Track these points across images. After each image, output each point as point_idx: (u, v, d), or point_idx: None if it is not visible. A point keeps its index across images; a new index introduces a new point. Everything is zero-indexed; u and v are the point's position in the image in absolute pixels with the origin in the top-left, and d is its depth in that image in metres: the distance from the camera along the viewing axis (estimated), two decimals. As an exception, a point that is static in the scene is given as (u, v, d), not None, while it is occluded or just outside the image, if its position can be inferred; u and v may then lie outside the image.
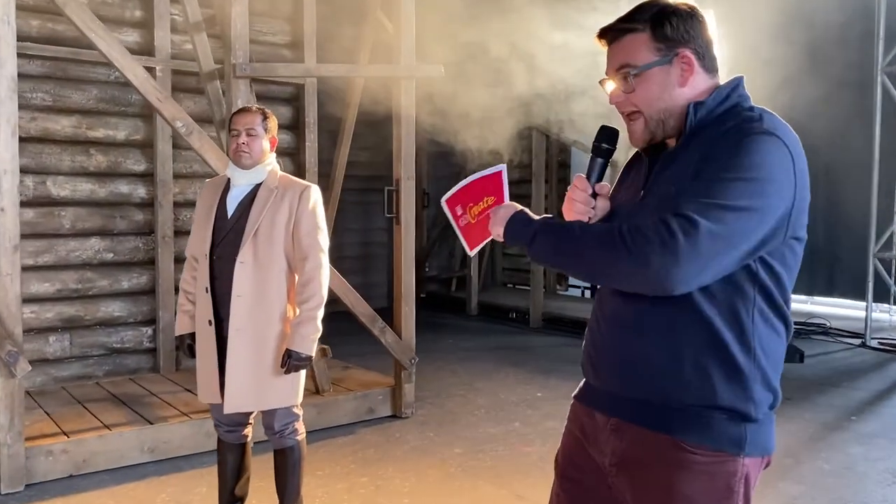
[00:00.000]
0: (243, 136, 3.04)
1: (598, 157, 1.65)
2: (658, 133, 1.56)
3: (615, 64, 1.55)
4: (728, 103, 1.53)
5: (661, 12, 1.53)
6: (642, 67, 1.51)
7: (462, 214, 1.80)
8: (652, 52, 1.51)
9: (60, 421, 4.40)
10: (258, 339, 3.03)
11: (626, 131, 1.64)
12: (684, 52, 1.52)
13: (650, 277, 1.36)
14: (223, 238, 3.04)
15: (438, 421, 5.12)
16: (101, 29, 3.88)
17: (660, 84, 1.52)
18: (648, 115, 1.54)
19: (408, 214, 5.07)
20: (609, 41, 1.58)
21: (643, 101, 1.53)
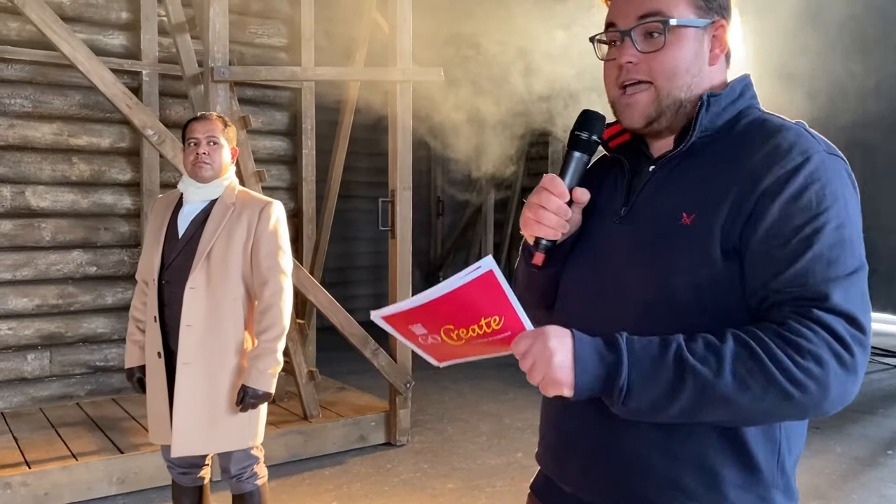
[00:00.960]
0: (203, 146, 2.72)
1: (577, 152, 1.23)
2: (665, 117, 1.18)
3: (640, 9, 1.15)
4: (740, 104, 1.19)
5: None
6: (681, 21, 1.14)
7: (428, 335, 1.13)
8: (691, 8, 1.16)
9: (27, 448, 4.13)
10: (210, 374, 2.70)
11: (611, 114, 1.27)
12: (721, 21, 1.17)
13: (824, 407, 1.03)
14: (173, 261, 2.72)
15: (435, 450, 4.76)
16: (64, 30, 3.60)
17: (693, 52, 1.16)
18: (666, 89, 1.16)
19: (404, 227, 4.73)
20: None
21: (667, 68, 1.15)
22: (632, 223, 1.20)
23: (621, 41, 1.18)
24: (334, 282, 9.31)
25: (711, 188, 1.11)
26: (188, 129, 2.75)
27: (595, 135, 1.22)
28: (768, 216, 1.05)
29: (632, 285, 1.17)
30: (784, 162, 1.07)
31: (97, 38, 5.22)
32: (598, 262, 1.24)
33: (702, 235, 1.09)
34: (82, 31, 5.16)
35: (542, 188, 1.21)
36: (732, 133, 1.16)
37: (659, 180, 1.19)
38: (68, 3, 5.11)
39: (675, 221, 1.13)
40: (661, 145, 1.24)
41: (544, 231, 1.21)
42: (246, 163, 4.46)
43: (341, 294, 9.45)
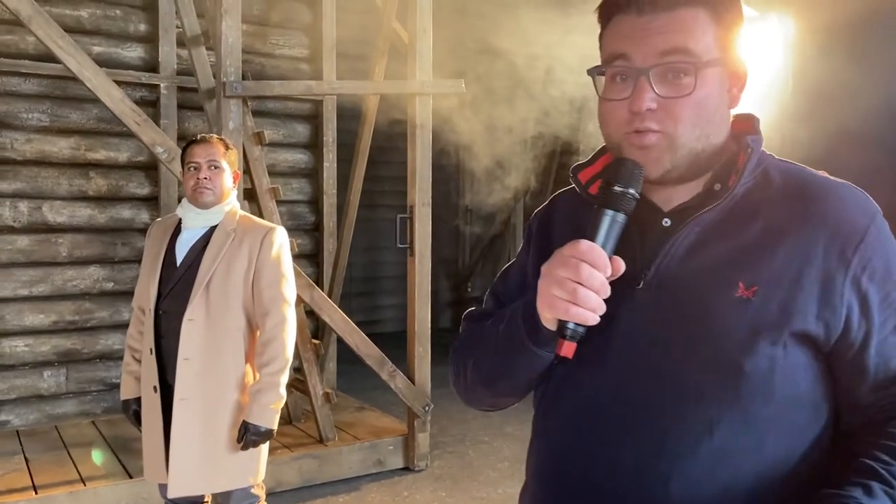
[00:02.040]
0: (204, 171, 2.59)
1: (611, 210, 0.97)
2: (678, 170, 0.99)
3: (661, 46, 0.95)
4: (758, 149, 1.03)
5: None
6: (710, 61, 0.95)
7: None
8: (716, 43, 0.96)
9: (37, 471, 4.05)
10: (209, 411, 2.57)
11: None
12: (738, 56, 1.01)
13: None
14: (170, 290, 2.60)
15: (455, 476, 4.59)
16: (71, 45, 3.51)
17: (717, 94, 0.98)
18: (684, 139, 0.96)
19: (422, 245, 4.57)
20: (640, 10, 0.97)
21: (691, 117, 0.95)
22: (662, 290, 0.99)
23: (635, 81, 0.97)
24: (361, 292, 9.22)
25: (773, 258, 0.95)
26: (188, 152, 2.62)
27: (633, 188, 0.98)
28: (871, 302, 0.95)
29: (672, 365, 0.97)
30: (861, 231, 0.95)
31: (116, 51, 5.16)
32: (620, 342, 1.02)
33: (771, 313, 0.94)
34: (101, 44, 5.11)
35: (576, 260, 0.93)
36: (770, 186, 1.00)
37: (690, 238, 1.00)
38: (87, 16, 5.05)
39: (729, 292, 0.95)
40: (667, 194, 1.04)
41: (583, 316, 0.94)
42: (261, 179, 4.35)
43: (368, 304, 9.43)
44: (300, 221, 5.94)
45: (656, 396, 0.98)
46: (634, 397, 0.99)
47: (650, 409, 0.98)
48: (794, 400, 0.95)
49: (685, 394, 0.96)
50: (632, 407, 0.99)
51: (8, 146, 4.83)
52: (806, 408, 0.96)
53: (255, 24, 5.68)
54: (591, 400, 1.03)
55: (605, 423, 1.01)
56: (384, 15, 5.00)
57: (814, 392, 0.97)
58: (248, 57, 5.60)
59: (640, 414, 0.98)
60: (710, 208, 0.99)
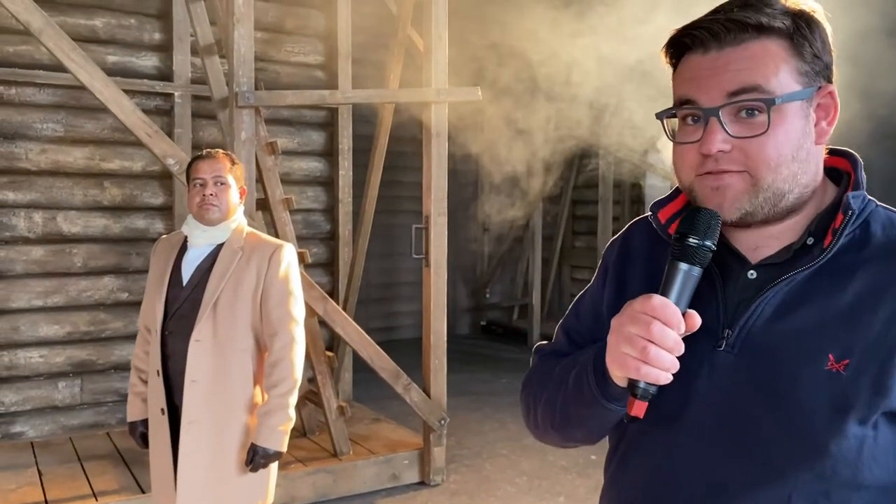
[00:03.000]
0: (210, 187, 2.53)
1: (685, 264, 0.91)
2: (761, 212, 0.91)
3: (729, 84, 0.88)
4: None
5: (803, 11, 0.90)
6: (786, 97, 0.87)
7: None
8: (793, 75, 0.89)
9: (49, 485, 4.02)
10: (217, 433, 2.51)
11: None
12: (829, 86, 0.90)
13: None
14: (177, 310, 2.54)
15: (471, 491, 4.50)
16: (82, 57, 3.47)
17: (799, 131, 0.89)
18: (767, 180, 0.89)
19: (438, 255, 4.49)
20: (706, 45, 0.90)
21: (771, 157, 0.88)
22: (746, 354, 0.92)
23: (705, 122, 0.90)
24: (379, 298, 9.16)
25: (868, 327, 0.85)
26: (193, 168, 2.56)
27: (710, 240, 0.91)
28: None
29: (753, 439, 0.89)
30: None
31: (130, 60, 5.13)
32: (697, 402, 0.95)
33: (862, 389, 0.85)
34: (115, 54, 5.08)
35: (648, 317, 0.87)
36: (871, 241, 0.90)
37: (777, 299, 0.91)
38: (101, 25, 5.03)
39: (818, 364, 0.87)
40: (754, 240, 0.96)
41: (654, 376, 0.88)
42: (274, 189, 4.29)
43: (386, 311, 9.37)
44: (315, 230, 5.89)
45: (731, 469, 0.91)
46: (707, 466, 0.93)
47: (722, 481, 0.91)
48: (886, 486, 0.85)
49: (762, 470, 0.89)
50: (704, 476, 0.93)
51: (23, 156, 4.82)
52: (893, 494, 0.86)
53: (270, 31, 5.64)
54: (662, 462, 0.98)
55: (676, 490, 0.94)
56: (399, 22, 4.93)
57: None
58: (263, 65, 5.56)
59: (712, 486, 0.91)
60: (802, 269, 0.90)
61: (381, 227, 8.64)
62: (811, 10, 0.91)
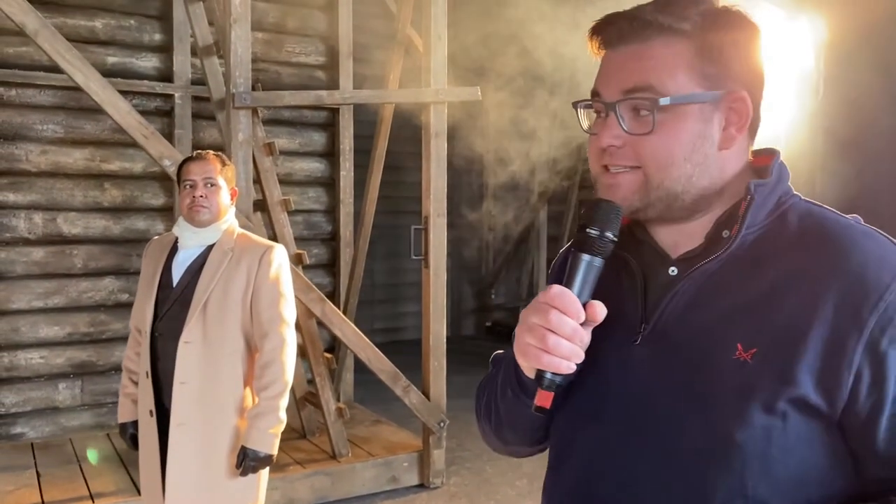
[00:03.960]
0: (200, 188, 2.51)
1: (587, 254, 0.91)
2: (654, 209, 0.92)
3: (625, 81, 0.89)
4: (779, 189, 0.92)
5: (719, 14, 0.89)
6: (677, 99, 0.87)
7: None
8: (694, 78, 0.88)
9: (47, 487, 4.02)
10: (206, 436, 2.49)
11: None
12: (740, 91, 0.88)
13: None
14: (166, 311, 2.52)
15: (471, 493, 4.47)
16: (77, 58, 3.46)
17: (696, 135, 0.88)
18: (657, 179, 0.90)
19: (437, 257, 4.47)
20: (618, 39, 0.91)
21: (659, 156, 0.89)
22: (659, 347, 0.91)
23: (605, 116, 0.92)
24: (383, 299, 9.14)
25: (780, 314, 0.84)
26: (183, 169, 2.55)
27: (610, 231, 0.92)
28: (889, 370, 0.81)
29: (669, 432, 0.89)
30: (880, 290, 0.82)
31: (130, 61, 5.13)
32: (612, 394, 0.95)
33: (767, 378, 0.83)
34: (115, 55, 5.09)
35: (547, 306, 0.88)
36: (785, 232, 0.89)
37: (691, 292, 0.91)
38: (101, 26, 5.04)
39: (726, 353, 0.86)
40: (673, 238, 0.95)
41: (556, 364, 0.88)
42: (272, 190, 4.28)
43: (390, 312, 9.35)
44: (317, 231, 5.88)
45: (649, 464, 0.90)
46: (627, 462, 0.92)
47: (642, 476, 0.90)
48: (798, 477, 0.84)
49: (677, 465, 0.88)
50: (624, 472, 0.92)
51: (23, 157, 4.82)
52: (813, 486, 0.84)
53: (271, 31, 5.63)
54: (587, 463, 0.97)
55: (598, 489, 0.94)
56: (399, 22, 4.91)
57: (822, 469, 0.85)
58: (264, 65, 5.56)
59: (633, 480, 0.91)
60: (711, 259, 0.90)
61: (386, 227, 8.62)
62: (734, 16, 0.89)
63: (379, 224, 5.44)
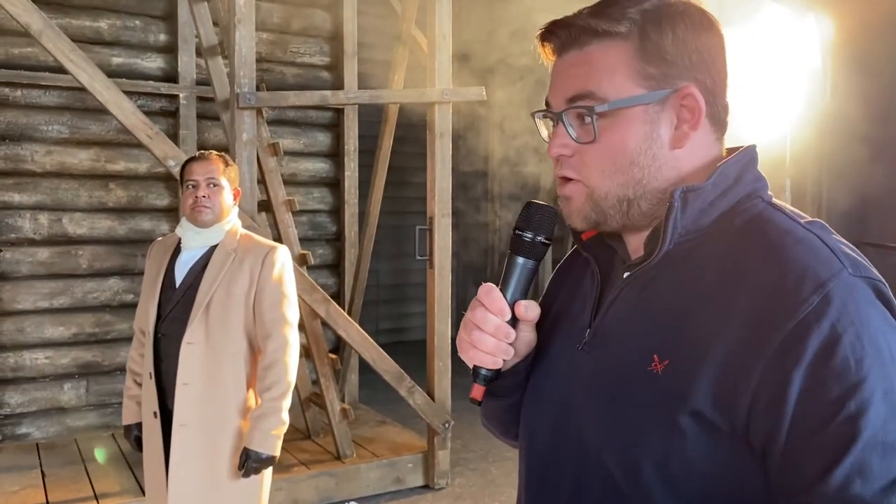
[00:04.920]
0: (203, 188, 2.50)
1: (521, 257, 0.93)
2: (612, 219, 0.89)
3: (567, 89, 0.88)
4: (738, 192, 0.86)
5: (660, 10, 0.85)
6: (616, 103, 0.85)
7: None
8: (635, 80, 0.85)
9: (52, 487, 4.02)
10: (209, 437, 2.48)
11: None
12: (688, 87, 0.85)
13: None
14: (169, 312, 2.51)
15: (476, 495, 4.46)
16: (82, 59, 3.46)
17: (640, 137, 0.86)
18: (602, 189, 0.87)
19: (442, 257, 4.45)
20: (561, 47, 0.89)
21: (601, 165, 0.87)
22: (595, 353, 0.90)
23: (555, 125, 0.90)
24: (389, 300, 9.14)
25: (693, 325, 0.80)
26: (186, 170, 2.54)
27: (542, 235, 0.93)
28: (788, 393, 0.74)
29: (591, 441, 0.88)
30: (793, 305, 0.75)
31: (135, 62, 5.14)
32: (556, 398, 0.95)
33: (673, 392, 0.80)
34: (120, 55, 5.09)
35: (476, 302, 0.92)
36: (722, 240, 0.84)
37: (630, 298, 0.89)
38: (106, 27, 5.04)
39: (643, 365, 0.83)
40: (637, 243, 0.93)
41: (481, 358, 0.91)
42: (276, 190, 4.27)
43: (396, 312, 9.34)
44: (322, 231, 5.87)
45: (579, 475, 0.90)
46: (564, 468, 0.93)
47: (572, 488, 0.91)
48: (705, 495, 0.80)
49: (598, 476, 0.87)
50: (563, 478, 0.93)
51: (28, 158, 4.83)
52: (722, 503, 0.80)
53: (275, 32, 5.63)
54: (539, 457, 0.98)
55: (546, 487, 0.95)
56: (403, 22, 4.89)
57: (727, 487, 0.80)
58: (269, 65, 5.56)
59: (566, 489, 0.92)
60: (643, 266, 0.87)
61: (391, 227, 8.62)
62: (675, 9, 0.86)
63: (383, 224, 5.43)
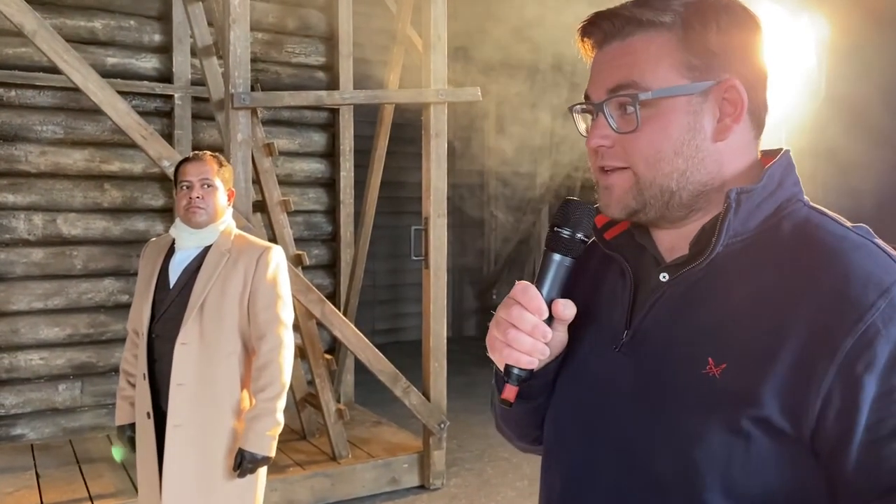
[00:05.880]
0: (197, 189, 2.50)
1: (557, 254, 0.91)
2: (652, 209, 0.89)
3: (609, 80, 0.88)
4: (780, 195, 0.86)
5: (704, 3, 0.86)
6: (659, 92, 0.85)
7: None
8: (678, 70, 0.85)
9: (46, 488, 4.01)
10: (203, 438, 2.47)
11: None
12: (731, 80, 0.85)
13: None
14: (163, 313, 2.51)
15: (471, 495, 4.46)
16: (76, 59, 3.45)
17: (683, 127, 0.86)
18: (648, 177, 0.87)
19: (438, 257, 4.45)
20: (603, 39, 0.90)
21: (646, 153, 0.86)
22: (637, 356, 0.89)
23: (595, 116, 0.90)
24: (385, 300, 9.14)
25: (752, 329, 0.80)
26: (180, 170, 2.54)
27: (581, 232, 0.91)
28: (861, 399, 0.74)
29: (637, 445, 0.86)
30: (861, 310, 0.75)
31: (130, 62, 5.13)
32: (592, 402, 0.93)
33: (734, 396, 0.79)
34: (115, 55, 5.08)
35: (512, 301, 0.90)
36: (775, 242, 0.84)
37: (673, 300, 0.88)
38: (101, 27, 5.03)
39: (696, 368, 0.82)
40: (671, 241, 0.92)
41: (516, 358, 0.89)
42: (271, 191, 4.27)
43: (392, 313, 9.34)
44: (317, 232, 5.86)
45: (618, 479, 0.88)
46: (602, 475, 0.91)
47: (611, 491, 0.89)
48: (763, 500, 0.79)
49: (642, 481, 0.86)
50: (599, 485, 0.91)
51: (22, 159, 4.82)
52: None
53: (271, 32, 5.62)
54: (570, 464, 0.96)
55: (587, 494, 0.92)
56: (398, 22, 4.89)
57: (790, 493, 0.79)
58: (264, 65, 5.55)
59: (606, 494, 0.90)
60: (692, 267, 0.87)
61: (387, 228, 8.61)
62: (719, 3, 0.86)
63: (379, 225, 5.42)
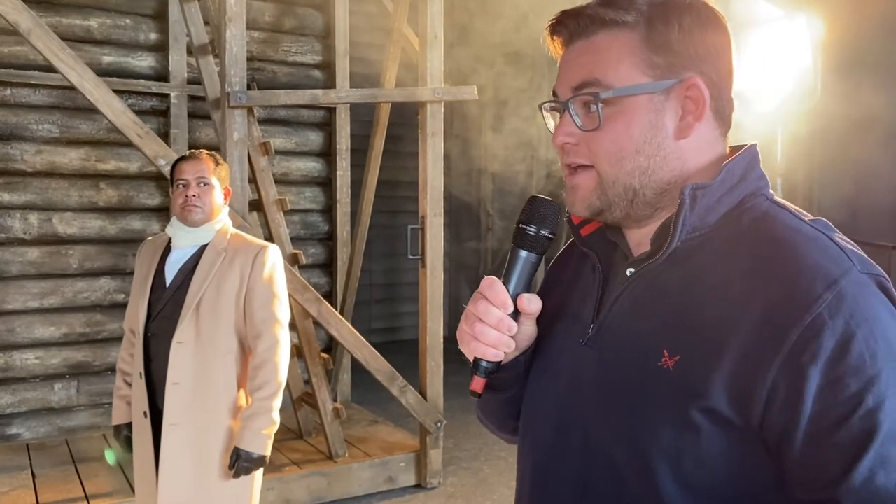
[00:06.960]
0: (193, 188, 2.50)
1: (524, 250, 0.94)
2: (617, 207, 0.90)
3: (574, 78, 0.89)
4: (742, 189, 0.88)
5: (667, 2, 0.87)
6: (620, 91, 0.86)
7: None
8: (641, 69, 0.86)
9: (42, 488, 4.00)
10: (199, 437, 2.47)
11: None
12: (693, 78, 0.86)
13: None
14: (159, 312, 2.50)
15: (468, 494, 4.46)
16: (71, 57, 3.45)
17: (644, 125, 0.87)
18: (611, 175, 0.88)
19: (434, 256, 4.45)
20: (570, 38, 0.91)
21: (608, 151, 0.87)
22: (601, 349, 0.91)
23: (561, 114, 0.92)
24: (381, 299, 9.13)
25: (703, 321, 0.81)
26: (176, 169, 2.53)
27: (546, 229, 0.94)
28: (805, 390, 0.75)
29: (598, 437, 0.89)
30: (807, 302, 0.76)
31: (126, 61, 5.12)
32: (560, 394, 0.95)
33: (682, 387, 0.81)
34: (111, 54, 5.07)
35: (479, 295, 0.93)
36: (734, 236, 0.85)
37: (636, 294, 0.89)
38: (96, 25, 5.02)
39: (653, 361, 0.84)
40: (638, 238, 0.94)
41: (482, 350, 0.92)
42: (267, 190, 4.26)
43: (389, 312, 9.34)
44: (313, 231, 5.86)
45: (583, 470, 0.90)
46: (568, 463, 0.93)
47: (576, 482, 0.91)
48: (716, 490, 0.80)
49: (603, 472, 0.88)
50: (567, 473, 0.93)
51: (18, 157, 4.81)
52: (734, 501, 0.80)
53: (267, 31, 5.61)
54: (539, 451, 0.99)
55: (547, 482, 0.95)
56: (395, 21, 4.89)
57: (741, 483, 0.80)
58: (261, 64, 5.54)
59: (571, 485, 0.92)
60: (652, 262, 0.88)
61: (383, 227, 8.60)
62: (682, 3, 0.87)
63: (376, 223, 5.42)
